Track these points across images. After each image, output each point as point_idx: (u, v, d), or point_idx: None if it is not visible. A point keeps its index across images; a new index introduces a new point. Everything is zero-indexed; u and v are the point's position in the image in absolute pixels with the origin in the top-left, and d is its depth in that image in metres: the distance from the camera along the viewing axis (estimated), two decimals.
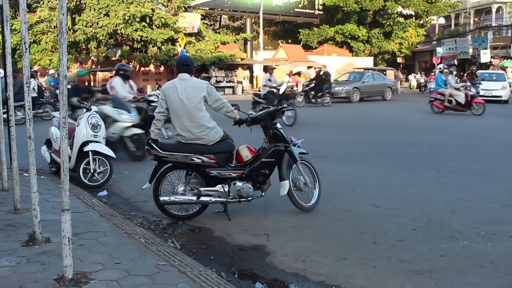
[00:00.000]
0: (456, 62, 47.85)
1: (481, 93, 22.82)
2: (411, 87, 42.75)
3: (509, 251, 4.77)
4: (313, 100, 23.74)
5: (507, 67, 35.76)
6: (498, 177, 8.24)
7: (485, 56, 44.94)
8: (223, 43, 34.65)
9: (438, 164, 9.25)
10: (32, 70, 24.19)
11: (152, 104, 9.66)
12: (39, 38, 30.17)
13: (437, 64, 43.39)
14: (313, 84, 23.93)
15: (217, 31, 43.02)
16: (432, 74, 29.56)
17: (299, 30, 43.50)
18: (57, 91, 15.43)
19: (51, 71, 22.49)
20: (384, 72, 38.57)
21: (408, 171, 8.62)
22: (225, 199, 5.64)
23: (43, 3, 29.91)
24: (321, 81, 23.83)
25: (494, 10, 56.65)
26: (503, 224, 5.60)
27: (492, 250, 4.81)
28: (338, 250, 4.80)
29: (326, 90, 23.98)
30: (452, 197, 6.85)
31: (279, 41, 45.06)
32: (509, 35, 49.56)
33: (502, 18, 54.83)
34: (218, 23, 47.58)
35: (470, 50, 49.06)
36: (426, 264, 4.45)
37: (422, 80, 39.41)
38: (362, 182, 7.70)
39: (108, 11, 29.16)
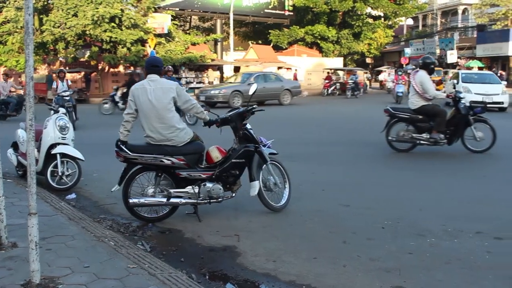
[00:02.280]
0: None
1: (476, 98, 18.57)
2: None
3: (475, 248, 4.86)
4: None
5: (472, 67, 36.40)
6: (465, 174, 8.40)
7: (451, 56, 45.71)
8: (193, 44, 34.49)
9: (407, 163, 9.39)
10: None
11: None
12: (5, 39, 29.59)
13: (406, 65, 44.01)
14: None
15: (187, 32, 42.80)
16: (400, 74, 29.56)
17: (269, 31, 43.59)
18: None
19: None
20: (354, 72, 38.95)
21: (377, 170, 8.73)
22: (195, 201, 5.63)
23: (9, 3, 29.33)
24: (132, 84, 22.27)
25: (460, 11, 57.70)
26: (469, 221, 5.71)
27: (458, 247, 4.90)
28: (309, 249, 4.83)
29: None
30: (420, 195, 6.95)
31: (250, 41, 45.05)
32: (475, 36, 50.52)
33: (468, 19, 55.86)
34: (188, 24, 47.35)
35: (437, 51, 49.83)
36: (395, 262, 4.51)
37: (386, 77, 38.82)
38: (332, 181, 7.77)
39: (77, 12, 28.75)
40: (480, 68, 40.08)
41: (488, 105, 18.32)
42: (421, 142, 10.25)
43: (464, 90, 19.38)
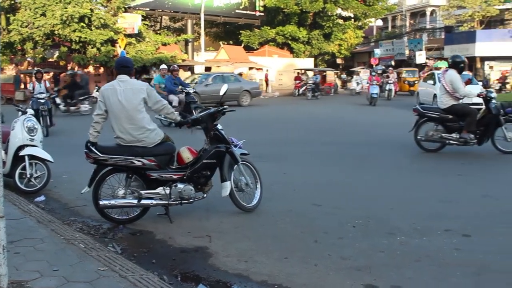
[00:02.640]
0: (393, 63, 49.19)
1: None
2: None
3: (443, 245, 4.94)
4: None
5: (440, 68, 36.88)
6: (435, 173, 8.53)
7: (420, 57, 46.42)
8: (164, 44, 34.30)
9: (378, 162, 9.49)
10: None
11: None
12: None
13: (376, 65, 44.49)
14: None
15: (158, 32, 42.52)
16: (373, 74, 29.36)
17: (240, 31, 43.57)
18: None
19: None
20: (324, 73, 39.19)
21: (348, 170, 8.81)
22: (167, 202, 5.60)
23: None
24: (74, 85, 19.77)
25: (428, 13, 58.53)
26: (438, 219, 5.80)
27: (427, 245, 4.98)
28: (280, 249, 4.85)
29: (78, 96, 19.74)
30: (390, 194, 7.05)
31: (221, 42, 44.91)
32: (443, 37, 51.35)
33: (436, 20, 56.70)
34: (159, 24, 47.05)
35: (406, 51, 50.58)
36: (366, 260, 4.56)
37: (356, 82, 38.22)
38: (303, 181, 7.81)
39: (45, 11, 28.33)
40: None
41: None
42: (451, 142, 10.16)
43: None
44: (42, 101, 13.99)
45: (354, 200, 6.69)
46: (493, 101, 10.11)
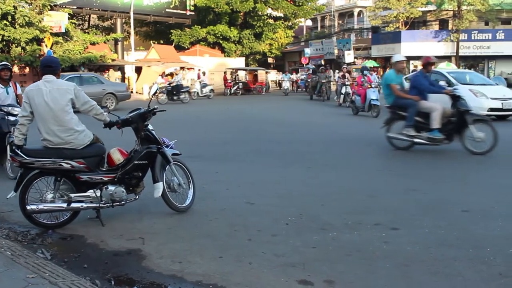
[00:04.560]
0: (323, 62, 50.24)
1: (494, 105, 15.79)
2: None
3: (373, 239, 5.09)
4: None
5: (372, 67, 37.90)
6: (364, 169, 8.78)
7: (349, 56, 47.60)
8: (93, 44, 33.47)
9: (309, 160, 9.66)
10: None
11: None
12: None
13: (306, 64, 45.26)
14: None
15: (86, 31, 41.46)
16: (365, 74, 27.57)
17: (171, 30, 43.21)
18: None
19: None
20: (256, 72, 39.44)
21: (280, 168, 8.90)
22: (98, 204, 5.48)
23: None
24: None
25: (356, 13, 60.14)
26: (368, 214, 5.97)
27: (358, 239, 5.11)
28: (214, 249, 4.84)
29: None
30: (322, 191, 7.18)
31: (151, 41, 44.37)
32: (370, 37, 52.90)
33: (363, 21, 58.32)
34: (87, 22, 45.87)
35: (336, 51, 51.77)
36: (299, 257, 4.63)
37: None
38: (236, 180, 7.84)
39: None
40: (375, 68, 42.00)
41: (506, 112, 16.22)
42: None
43: (475, 94, 15.74)
44: (12, 118, 8.17)
45: (287, 198, 6.78)
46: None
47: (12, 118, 8.13)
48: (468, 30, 44.54)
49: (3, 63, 8.36)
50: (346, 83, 23.73)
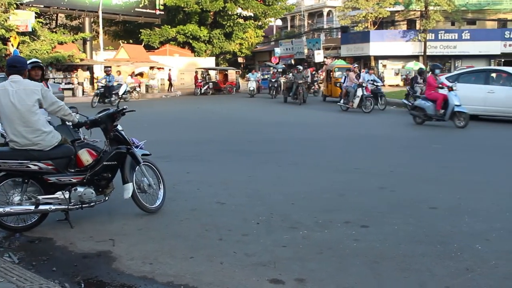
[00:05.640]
0: (293, 62, 50.51)
1: None
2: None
3: (344, 237, 5.14)
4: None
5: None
6: (333, 168, 8.85)
7: (318, 56, 47.99)
8: (61, 43, 32.96)
9: (279, 159, 9.70)
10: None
11: None
12: None
13: (276, 64, 45.40)
14: None
15: (54, 30, 40.82)
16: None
17: (141, 30, 42.88)
18: None
19: None
20: (226, 72, 39.38)
21: (251, 168, 8.92)
22: (66, 206, 5.39)
23: None
24: None
25: (325, 13, 60.56)
26: (338, 212, 6.02)
27: (329, 237, 5.16)
28: (185, 249, 4.83)
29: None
30: (292, 190, 7.21)
31: (120, 41, 43.95)
32: (339, 36, 53.36)
33: (333, 21, 58.80)
34: (54, 22, 45.17)
35: (305, 51, 52.11)
36: (270, 256, 4.64)
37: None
38: (207, 180, 7.82)
39: None
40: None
41: None
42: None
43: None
44: None
45: (257, 197, 6.79)
46: None
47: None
48: (435, 30, 45.35)
49: (33, 60, 7.14)
50: (363, 85, 20.43)
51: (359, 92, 19.95)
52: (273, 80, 30.91)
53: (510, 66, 40.16)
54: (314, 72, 31.23)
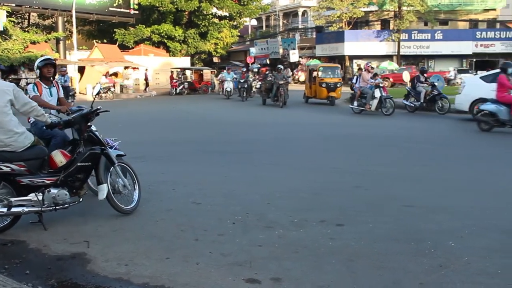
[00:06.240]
0: (268, 62, 50.62)
1: None
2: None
3: (319, 235, 5.18)
4: None
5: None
6: (309, 168, 8.89)
7: (293, 56, 48.19)
8: (33, 43, 32.48)
9: (255, 160, 9.71)
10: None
11: None
12: None
13: (251, 64, 45.45)
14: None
15: (26, 29, 40.15)
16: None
17: (115, 29, 42.48)
18: None
19: None
20: (201, 72, 39.27)
21: (227, 168, 8.91)
22: (40, 208, 5.32)
23: None
24: None
25: (300, 13, 60.82)
26: (313, 211, 6.06)
27: (304, 236, 5.18)
28: (161, 250, 4.81)
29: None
30: (267, 189, 7.23)
31: (94, 40, 43.44)
32: (314, 36, 53.64)
33: (308, 21, 59.10)
34: (26, 21, 44.47)
35: (281, 50, 52.27)
36: (246, 255, 4.65)
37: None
38: (182, 180, 7.80)
39: None
40: None
41: None
42: None
43: None
44: None
45: (233, 197, 6.79)
46: None
47: None
48: (409, 30, 45.90)
49: (45, 57, 6.83)
50: (380, 85, 18.92)
51: (377, 93, 18.42)
52: (242, 81, 28.51)
53: (482, 66, 41.22)
54: (267, 72, 30.22)
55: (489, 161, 9.67)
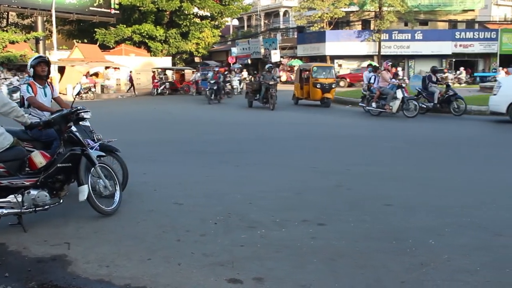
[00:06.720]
0: (250, 62, 50.64)
1: None
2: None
3: (301, 235, 5.19)
4: None
5: (294, 66, 38.50)
6: (291, 167, 8.91)
7: (275, 56, 48.26)
8: (12, 42, 32.10)
9: (237, 159, 9.71)
10: None
11: None
12: None
13: (233, 64, 45.45)
14: None
15: (5, 29, 39.68)
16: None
17: (95, 29, 42.16)
18: None
19: None
20: (183, 72, 39.18)
21: (209, 168, 8.90)
22: (19, 210, 5.26)
23: None
24: None
25: (281, 13, 60.92)
26: (295, 211, 6.07)
27: (286, 236, 5.19)
28: (142, 251, 4.78)
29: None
30: (249, 189, 7.23)
31: (74, 40, 43.04)
32: (295, 36, 53.78)
33: (289, 21, 59.24)
34: (5, 20, 43.95)
35: (262, 50, 52.34)
36: (228, 255, 4.65)
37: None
38: (164, 181, 7.78)
39: None
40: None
41: None
42: None
43: None
44: None
45: (215, 197, 6.78)
46: None
47: None
48: (389, 30, 46.26)
49: (38, 55, 6.81)
50: (403, 85, 17.80)
51: (399, 94, 17.23)
52: (212, 82, 25.49)
53: (461, 65, 41.67)
54: (226, 72, 29.54)
55: None
